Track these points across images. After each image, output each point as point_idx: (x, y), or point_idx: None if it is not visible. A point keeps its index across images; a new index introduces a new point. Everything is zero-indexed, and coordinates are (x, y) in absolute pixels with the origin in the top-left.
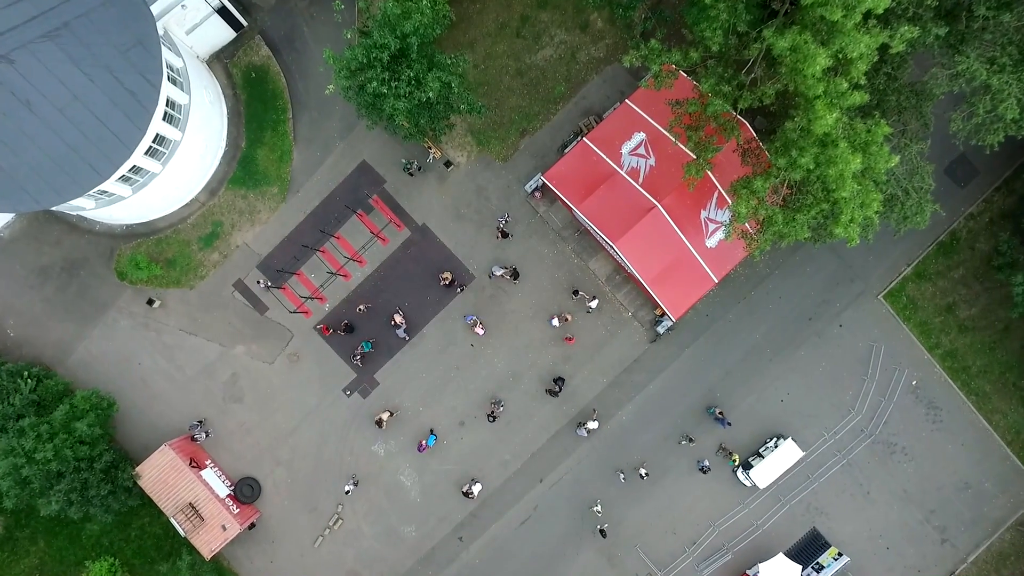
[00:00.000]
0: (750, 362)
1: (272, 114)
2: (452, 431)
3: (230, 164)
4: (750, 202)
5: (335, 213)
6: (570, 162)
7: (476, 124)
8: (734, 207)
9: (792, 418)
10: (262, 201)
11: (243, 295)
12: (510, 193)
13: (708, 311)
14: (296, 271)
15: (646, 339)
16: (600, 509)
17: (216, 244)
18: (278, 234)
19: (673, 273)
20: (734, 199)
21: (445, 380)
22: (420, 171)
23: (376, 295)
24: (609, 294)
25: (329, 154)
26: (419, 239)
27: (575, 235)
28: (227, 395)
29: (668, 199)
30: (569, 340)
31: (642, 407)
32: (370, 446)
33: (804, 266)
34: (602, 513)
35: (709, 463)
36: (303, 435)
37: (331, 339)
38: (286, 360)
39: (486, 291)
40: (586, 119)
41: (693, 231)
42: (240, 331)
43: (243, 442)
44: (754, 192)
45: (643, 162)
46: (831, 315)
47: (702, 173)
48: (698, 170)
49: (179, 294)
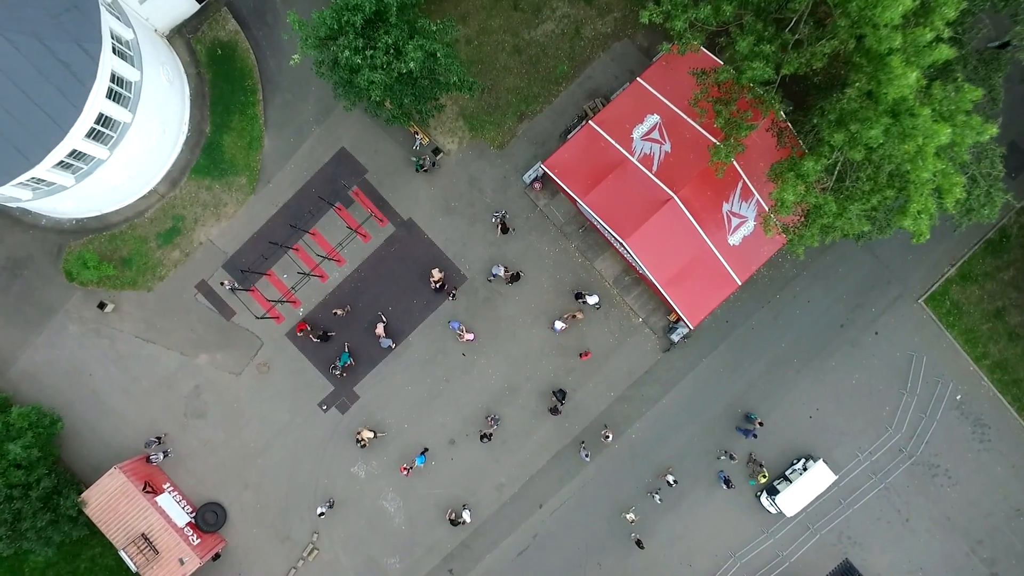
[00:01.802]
0: (775, 374)
1: (240, 96)
2: (441, 451)
3: (193, 151)
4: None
5: (310, 206)
6: (574, 149)
7: (468, 107)
8: (778, 194)
9: (822, 436)
10: (229, 193)
11: (207, 298)
12: (506, 184)
13: (728, 317)
14: (266, 271)
15: (659, 348)
16: (634, 516)
17: (177, 241)
18: (247, 230)
19: (691, 274)
20: (777, 185)
21: (433, 394)
22: (435, 167)
23: (356, 298)
24: (617, 298)
25: (304, 140)
26: (404, 235)
27: (579, 231)
28: (189, 410)
29: (686, 190)
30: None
31: (654, 424)
32: (349, 467)
33: (835, 267)
34: (636, 520)
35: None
36: (274, 455)
37: (306, 347)
38: (255, 371)
39: (479, 294)
40: (591, 102)
41: (714, 226)
42: (204, 338)
43: (207, 463)
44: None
45: (657, 148)
46: (866, 321)
47: (732, 156)
48: (728, 153)
49: (135, 297)
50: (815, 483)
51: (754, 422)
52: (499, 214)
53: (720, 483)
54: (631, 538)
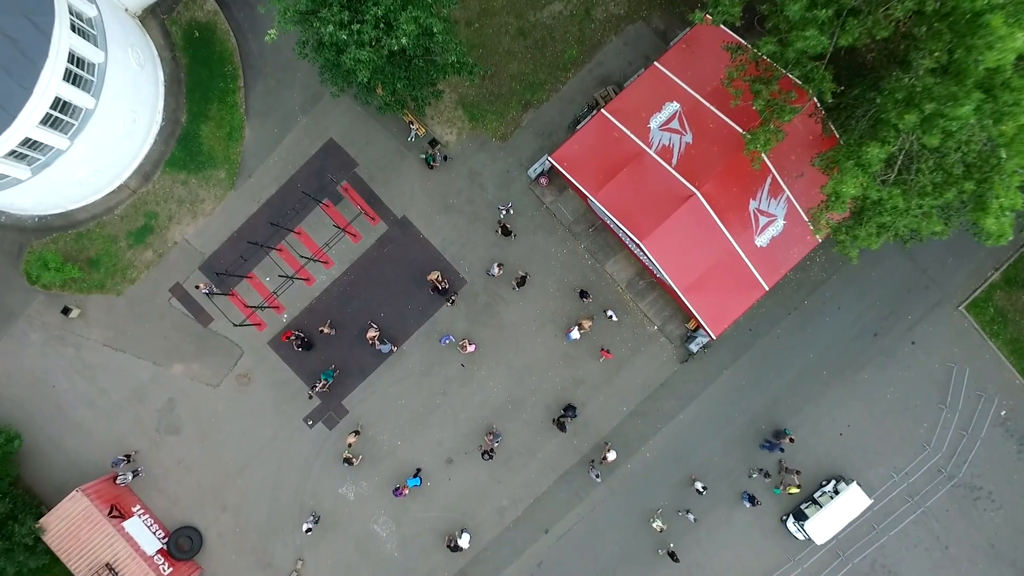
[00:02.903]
0: (802, 387)
1: (219, 82)
2: (438, 470)
3: (167, 143)
4: (858, 179)
5: (295, 203)
6: (584, 140)
7: (468, 95)
8: (835, 187)
9: (854, 456)
10: (206, 188)
11: (182, 303)
12: (510, 179)
13: (751, 324)
14: (247, 274)
15: (675, 358)
16: (662, 524)
17: (149, 240)
18: (226, 228)
19: (713, 279)
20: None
21: (429, 408)
22: (446, 161)
23: (344, 304)
24: (631, 304)
25: (289, 131)
26: (398, 235)
27: (589, 231)
28: (162, 425)
29: (709, 185)
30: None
31: (671, 441)
32: (337, 488)
33: (868, 270)
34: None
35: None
36: (255, 474)
37: (290, 357)
38: (235, 382)
39: (480, 298)
40: (603, 89)
41: (740, 226)
42: (178, 347)
43: (181, 483)
44: (865, 165)
45: (677, 139)
46: (901, 330)
47: (771, 145)
48: (767, 140)
49: (103, 301)
50: (848, 508)
51: (786, 437)
52: (504, 208)
53: (743, 502)
54: (659, 554)
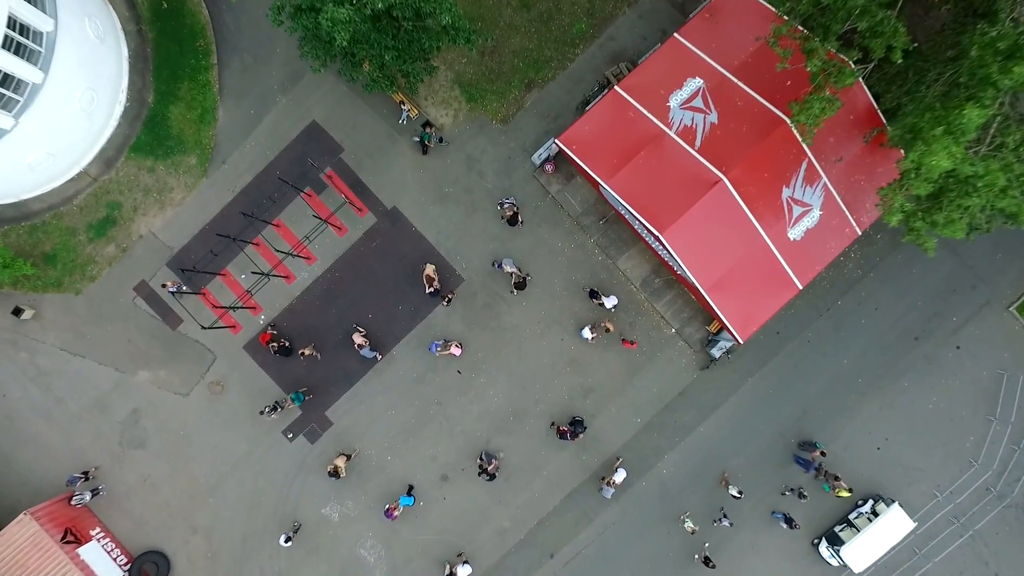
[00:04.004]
0: (836, 396)
1: (190, 59)
2: (432, 488)
3: (132, 125)
4: (948, 151)
5: (274, 192)
6: (596, 120)
7: (466, 72)
8: (921, 158)
9: (893, 473)
10: (176, 176)
11: (148, 303)
12: (511, 166)
13: (779, 327)
14: (220, 271)
15: (695, 365)
16: (693, 525)
17: (112, 233)
18: (197, 220)
19: (741, 276)
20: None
21: (422, 420)
22: (441, 143)
23: (328, 304)
24: (646, 303)
25: (267, 113)
26: (387, 228)
27: (600, 223)
28: (125, 438)
29: (737, 170)
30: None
31: (689, 456)
32: (320, 508)
33: (909, 267)
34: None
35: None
36: (229, 493)
37: (268, 363)
38: (206, 391)
39: (478, 298)
40: (615, 67)
41: (771, 217)
42: (144, 351)
43: (147, 502)
44: (958, 133)
45: (701, 119)
46: (945, 333)
47: (828, 115)
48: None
49: (60, 301)
50: (889, 532)
51: (816, 451)
52: (507, 200)
53: (778, 522)
54: (695, 559)
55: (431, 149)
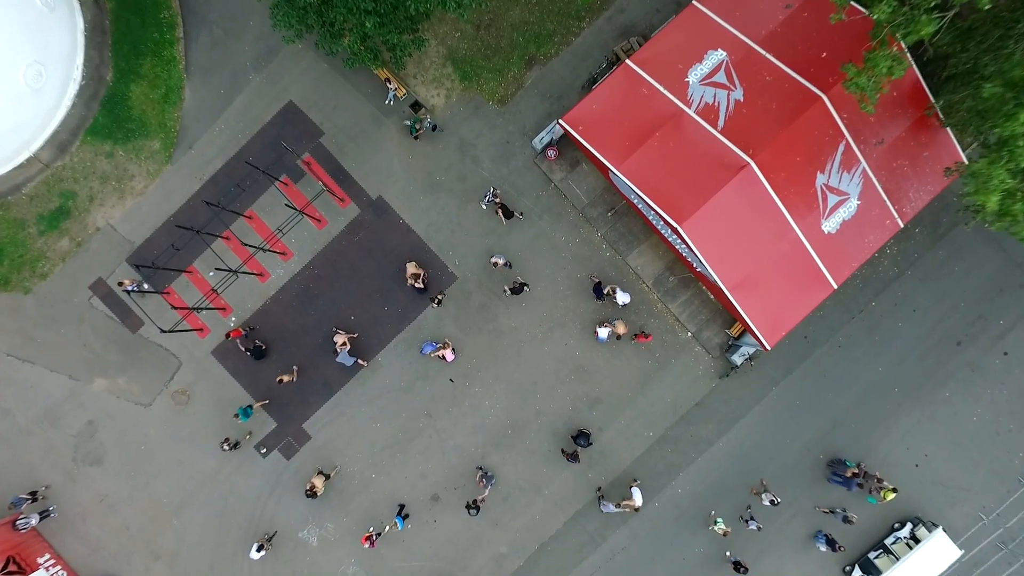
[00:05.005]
0: (869, 407)
1: (154, 32)
2: (421, 510)
3: (89, 106)
4: None
5: (246, 181)
6: (605, 98)
7: (459, 48)
8: None
9: (933, 492)
10: (137, 162)
11: (106, 303)
12: (510, 152)
13: (807, 331)
14: (186, 268)
15: (713, 372)
16: (724, 527)
17: (66, 226)
18: (160, 211)
19: (769, 274)
20: None
21: (410, 433)
22: (434, 132)
23: (306, 305)
24: (659, 304)
25: (239, 92)
26: (372, 220)
27: (607, 215)
28: (80, 454)
29: (766, 153)
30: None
31: (707, 474)
32: (297, 531)
33: (950, 264)
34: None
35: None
36: (196, 514)
37: (239, 369)
38: (170, 401)
39: (473, 298)
40: (625, 42)
41: (803, 207)
42: (101, 357)
43: (104, 525)
44: None
45: (724, 95)
46: (991, 338)
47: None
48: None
49: (7, 301)
50: (933, 561)
51: (848, 469)
52: (490, 192)
53: (819, 544)
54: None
55: (422, 136)
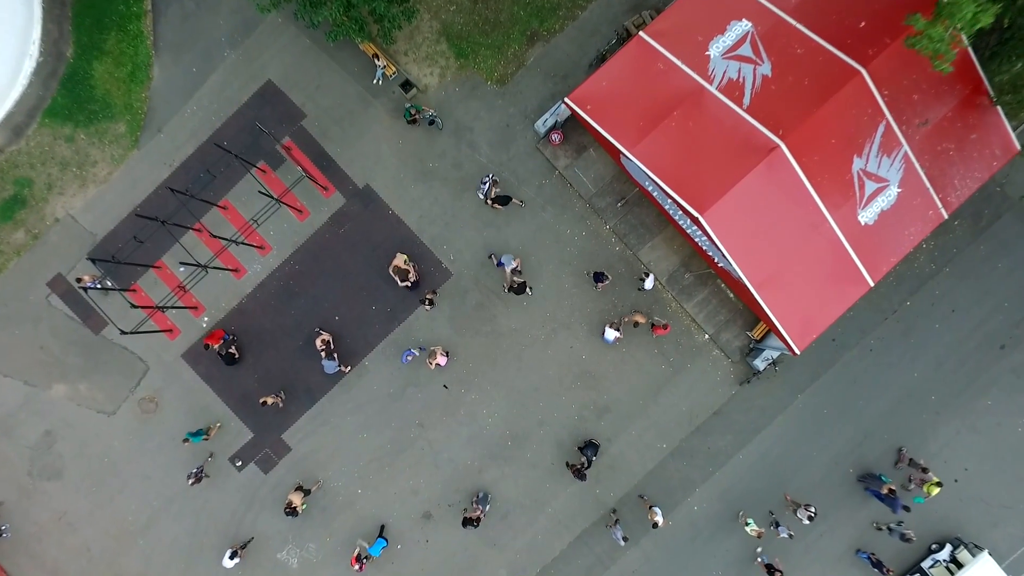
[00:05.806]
0: (904, 416)
1: (119, 4)
2: (412, 529)
3: (47, 85)
4: None
5: (220, 167)
6: (616, 73)
7: (455, 22)
8: None
9: (973, 510)
10: (100, 147)
11: (65, 301)
12: (510, 136)
13: (835, 333)
14: (153, 263)
15: (733, 378)
16: (757, 528)
17: (21, 216)
18: (126, 201)
19: (800, 270)
20: None
21: (400, 445)
22: (432, 125)
23: (286, 303)
24: (674, 303)
25: (212, 70)
26: (358, 210)
27: (617, 205)
28: (36, 467)
29: (797, 135)
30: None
31: (726, 489)
32: (275, 552)
33: (992, 261)
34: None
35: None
36: (164, 534)
37: (212, 374)
38: (137, 409)
39: (469, 296)
40: (636, 16)
41: (838, 195)
42: (60, 361)
43: (63, 545)
44: None
45: (749, 70)
46: None
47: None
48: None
49: None
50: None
51: (884, 485)
52: (486, 181)
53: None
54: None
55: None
